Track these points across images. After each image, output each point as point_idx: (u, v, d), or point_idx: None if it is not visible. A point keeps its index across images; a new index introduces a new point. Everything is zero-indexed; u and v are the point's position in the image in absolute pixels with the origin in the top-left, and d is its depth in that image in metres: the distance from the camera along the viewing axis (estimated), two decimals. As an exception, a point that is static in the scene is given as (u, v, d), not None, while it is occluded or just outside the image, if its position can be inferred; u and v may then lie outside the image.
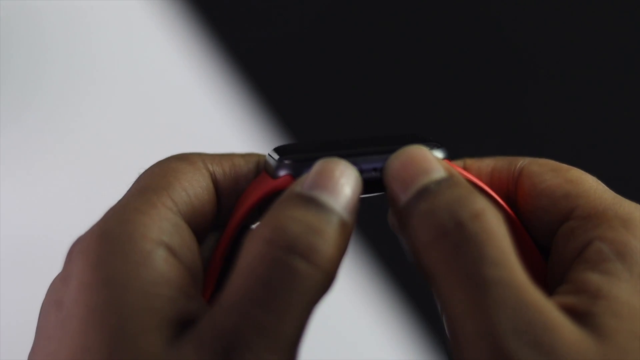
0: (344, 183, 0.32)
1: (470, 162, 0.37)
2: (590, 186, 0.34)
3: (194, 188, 0.34)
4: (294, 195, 0.31)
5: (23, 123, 0.87)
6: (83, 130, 0.87)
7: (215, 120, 0.89)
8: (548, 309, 0.29)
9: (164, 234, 0.32)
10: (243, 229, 0.35)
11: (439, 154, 0.34)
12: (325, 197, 0.31)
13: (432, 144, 0.34)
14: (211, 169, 0.35)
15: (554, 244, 0.34)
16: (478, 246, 0.29)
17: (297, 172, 0.33)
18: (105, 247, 0.31)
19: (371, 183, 0.33)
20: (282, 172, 0.34)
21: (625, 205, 0.33)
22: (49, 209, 0.83)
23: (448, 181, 0.31)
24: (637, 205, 0.33)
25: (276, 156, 0.35)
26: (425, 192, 0.31)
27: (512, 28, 0.96)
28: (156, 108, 0.90)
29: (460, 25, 0.96)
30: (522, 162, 0.36)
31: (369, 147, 0.34)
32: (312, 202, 0.31)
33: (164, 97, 0.90)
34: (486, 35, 0.96)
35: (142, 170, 0.35)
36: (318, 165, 0.32)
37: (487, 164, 0.37)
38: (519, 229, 0.35)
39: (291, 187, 0.32)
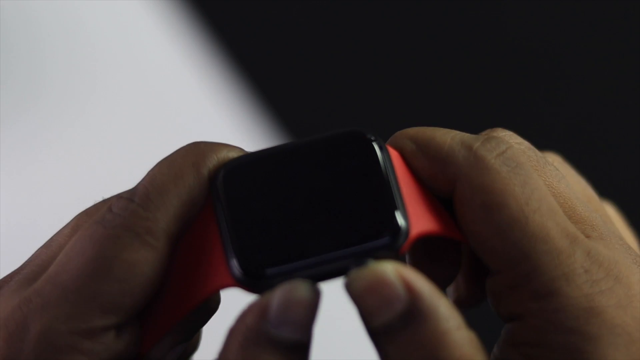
0: (310, 313, 0.31)
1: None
2: (523, 245, 0.32)
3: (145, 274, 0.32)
4: (262, 336, 0.31)
5: (23, 122, 0.87)
6: (83, 129, 0.87)
7: (215, 120, 0.89)
8: None
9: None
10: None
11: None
12: (297, 337, 0.31)
13: None
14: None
15: (488, 283, 0.34)
16: None
17: (259, 290, 0.32)
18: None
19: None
20: (236, 272, 0.32)
21: (547, 272, 0.32)
22: (50, 207, 0.84)
23: (410, 316, 0.31)
24: (563, 267, 0.32)
25: (225, 201, 0.32)
26: (390, 331, 0.31)
27: (512, 26, 0.97)
28: (157, 106, 0.90)
29: (459, 25, 0.97)
30: (457, 171, 0.33)
31: (330, 241, 0.32)
32: (282, 345, 0.31)
33: (164, 96, 0.90)
34: (485, 33, 0.96)
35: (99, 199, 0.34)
36: (282, 294, 0.31)
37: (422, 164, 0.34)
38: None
39: (256, 320, 0.31)
